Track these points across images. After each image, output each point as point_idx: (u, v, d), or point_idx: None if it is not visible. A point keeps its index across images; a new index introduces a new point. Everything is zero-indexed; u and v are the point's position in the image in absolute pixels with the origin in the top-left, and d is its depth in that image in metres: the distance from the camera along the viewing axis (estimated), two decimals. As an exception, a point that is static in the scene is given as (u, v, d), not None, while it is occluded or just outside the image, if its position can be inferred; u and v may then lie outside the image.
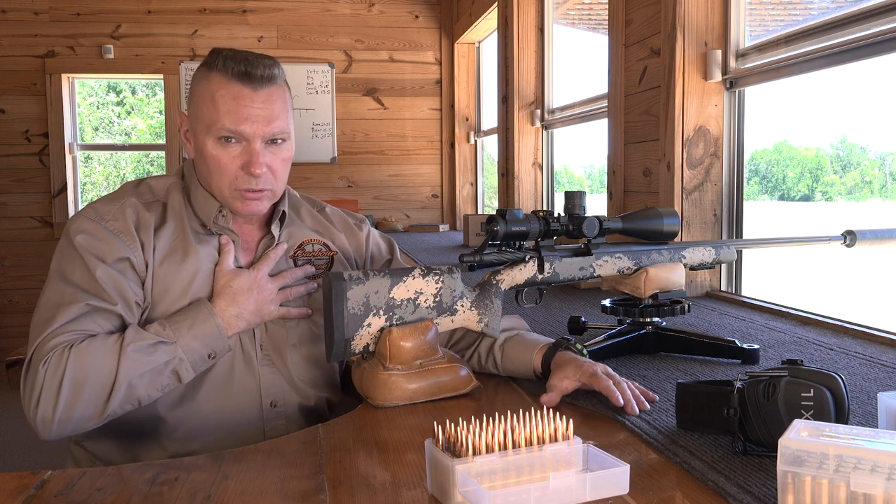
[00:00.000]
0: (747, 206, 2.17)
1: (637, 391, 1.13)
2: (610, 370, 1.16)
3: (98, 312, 1.19)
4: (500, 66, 3.99)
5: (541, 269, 1.30)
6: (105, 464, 1.28)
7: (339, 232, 1.46)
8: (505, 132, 3.95)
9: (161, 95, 5.74)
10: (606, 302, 1.47)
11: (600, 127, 2.88)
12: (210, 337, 1.22)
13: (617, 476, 0.80)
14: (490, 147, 5.29)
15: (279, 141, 1.28)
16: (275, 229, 1.36)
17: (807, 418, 0.86)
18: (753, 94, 2.14)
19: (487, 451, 0.80)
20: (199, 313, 1.23)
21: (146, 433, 1.28)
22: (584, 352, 1.24)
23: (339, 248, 1.44)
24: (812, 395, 0.87)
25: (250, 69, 1.24)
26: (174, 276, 1.27)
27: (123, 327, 1.21)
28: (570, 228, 1.30)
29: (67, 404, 1.12)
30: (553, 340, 1.26)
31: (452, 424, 0.81)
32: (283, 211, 1.37)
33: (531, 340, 1.28)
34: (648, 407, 1.11)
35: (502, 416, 0.83)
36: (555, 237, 1.31)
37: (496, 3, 4.01)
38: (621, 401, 1.09)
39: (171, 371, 1.19)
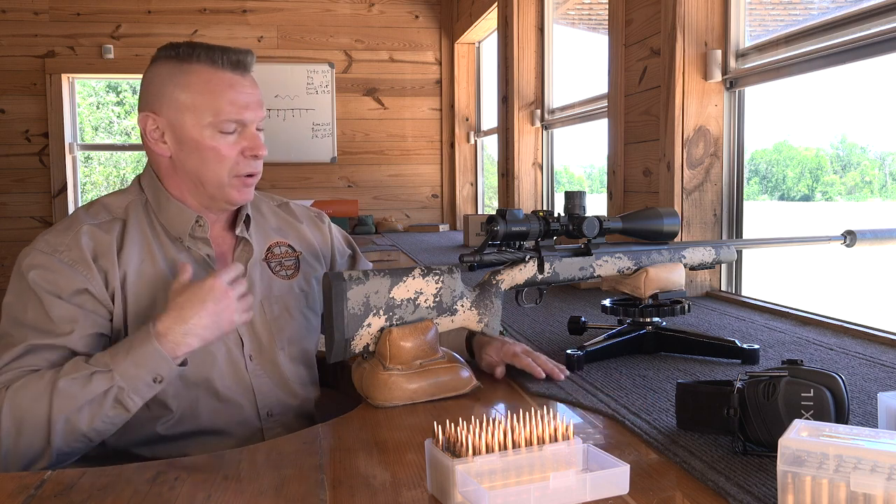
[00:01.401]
0: (747, 206, 2.17)
1: (553, 362, 1.27)
2: (528, 349, 1.29)
3: (45, 349, 1.15)
4: (500, 66, 3.99)
5: (541, 269, 1.30)
6: None
7: (303, 224, 1.45)
8: (505, 132, 3.95)
9: (161, 95, 5.75)
10: (606, 302, 1.47)
11: (600, 127, 2.88)
12: (150, 361, 1.11)
13: (617, 476, 0.80)
14: (490, 147, 5.29)
15: (262, 126, 1.30)
16: (241, 232, 1.34)
17: (807, 418, 0.86)
18: (753, 94, 2.14)
19: (487, 451, 0.80)
20: (136, 337, 1.13)
21: (146, 455, 1.25)
22: (503, 330, 1.36)
23: (304, 240, 1.43)
24: (812, 395, 0.87)
25: (241, 58, 1.25)
26: (147, 297, 1.23)
27: None
28: (570, 228, 1.30)
29: (11, 446, 1.08)
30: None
31: (452, 424, 0.81)
32: (247, 214, 1.35)
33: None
34: (568, 373, 1.27)
35: (502, 416, 0.83)
36: (555, 237, 1.31)
37: (496, 3, 4.01)
38: (542, 374, 1.24)
39: (114, 400, 1.10)
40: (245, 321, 1.21)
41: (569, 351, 1.35)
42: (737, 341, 1.38)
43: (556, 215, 1.29)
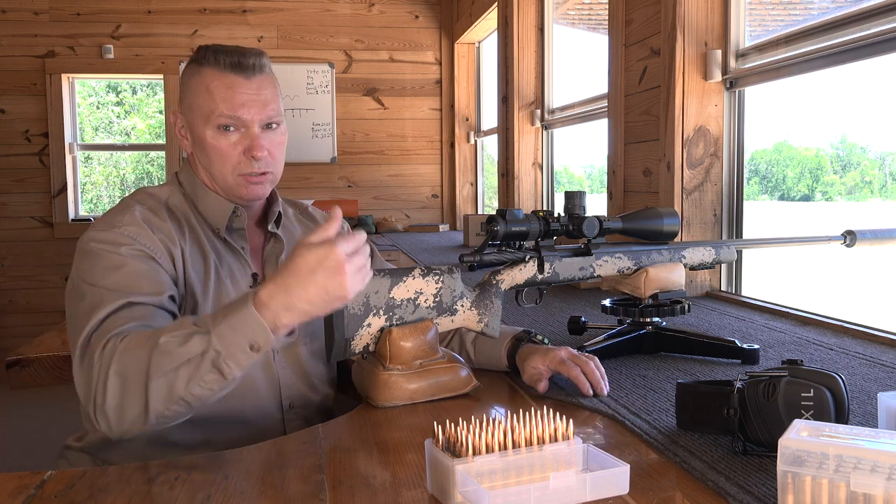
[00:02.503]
0: (747, 206, 2.17)
1: (602, 371, 1.19)
2: (574, 352, 1.21)
3: (139, 307, 1.14)
4: (500, 66, 3.99)
5: (541, 269, 1.30)
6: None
7: None
8: (505, 132, 3.95)
9: (161, 95, 5.74)
10: (606, 302, 1.47)
11: (600, 127, 2.88)
12: (246, 326, 1.02)
13: (617, 476, 0.80)
14: (490, 147, 5.29)
15: (274, 125, 1.33)
16: (272, 227, 1.39)
17: (807, 418, 0.86)
18: (753, 94, 2.14)
19: (487, 451, 0.80)
20: (237, 300, 1.06)
21: (172, 438, 1.24)
22: (545, 341, 1.29)
23: None
24: (812, 395, 0.87)
25: (242, 59, 1.29)
26: (198, 282, 1.27)
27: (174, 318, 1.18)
28: (570, 228, 1.31)
29: (118, 401, 1.05)
30: (519, 330, 1.32)
31: (452, 424, 0.81)
32: (279, 212, 1.41)
33: (500, 334, 1.31)
34: (608, 389, 1.19)
35: (502, 416, 0.83)
36: (555, 237, 1.31)
37: (496, 3, 4.01)
38: (590, 391, 1.17)
39: (211, 365, 1.03)
40: (359, 290, 1.06)
41: (569, 351, 1.35)
42: (737, 341, 1.38)
43: (556, 215, 1.30)
